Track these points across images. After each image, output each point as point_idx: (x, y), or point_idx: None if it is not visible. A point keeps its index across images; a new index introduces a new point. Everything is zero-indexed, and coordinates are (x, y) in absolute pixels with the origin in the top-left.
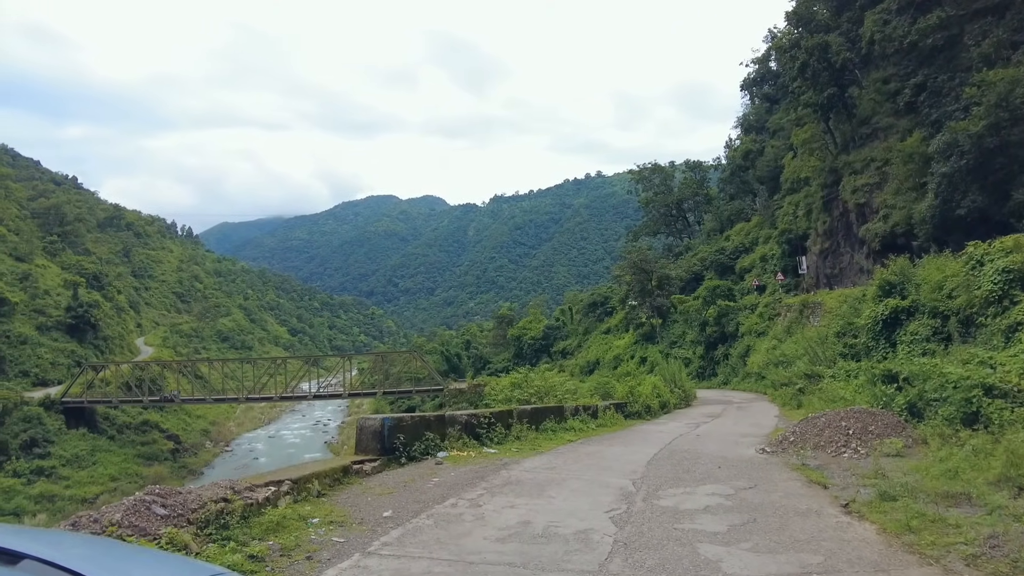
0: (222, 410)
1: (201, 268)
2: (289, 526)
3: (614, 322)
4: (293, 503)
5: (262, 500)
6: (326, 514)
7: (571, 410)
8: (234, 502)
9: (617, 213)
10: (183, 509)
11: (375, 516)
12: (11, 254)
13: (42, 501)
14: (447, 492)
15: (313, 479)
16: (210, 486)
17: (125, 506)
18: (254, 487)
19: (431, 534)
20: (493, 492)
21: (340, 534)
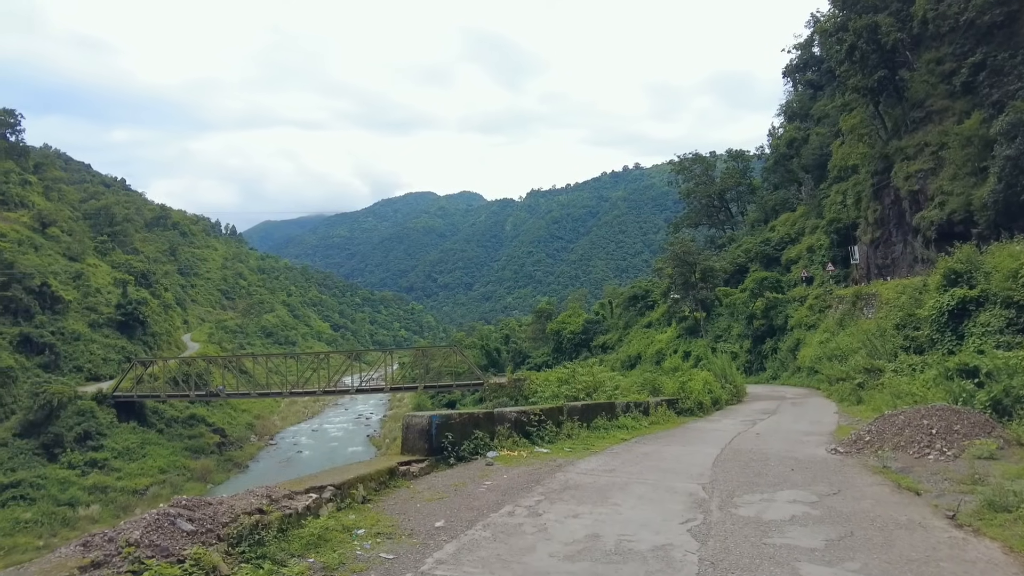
0: (266, 404)
1: (245, 266)
2: (332, 539)
3: (656, 316)
4: (336, 511)
5: (302, 509)
6: (372, 524)
7: (622, 407)
8: (270, 513)
9: (656, 205)
10: (212, 523)
11: (426, 526)
12: (64, 254)
13: (95, 492)
14: (502, 497)
15: (358, 483)
16: (244, 495)
17: (146, 521)
18: (293, 494)
19: (490, 549)
20: (552, 498)
21: (389, 548)
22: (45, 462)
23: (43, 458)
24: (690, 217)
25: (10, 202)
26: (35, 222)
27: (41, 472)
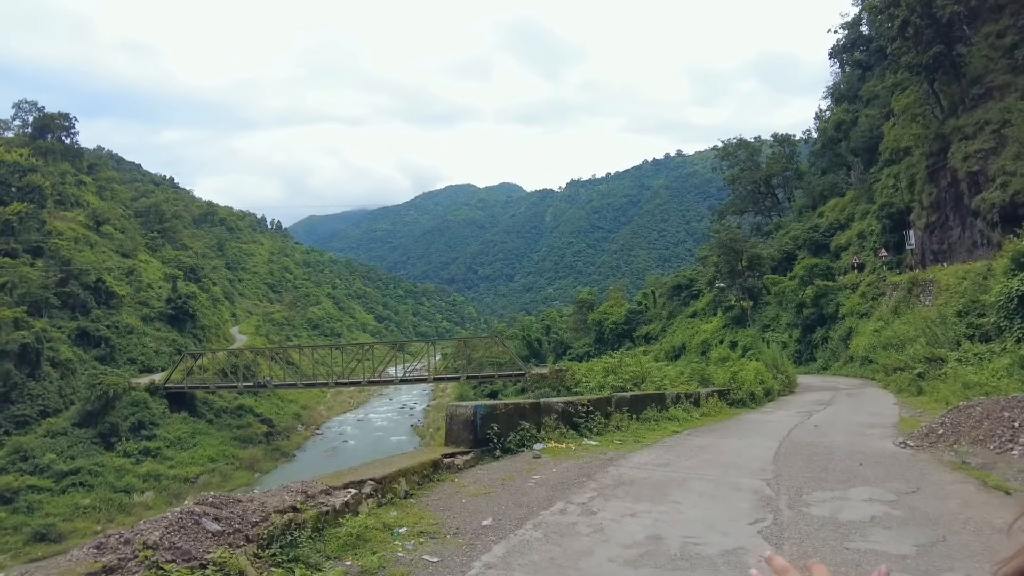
0: (313, 395)
1: (291, 260)
2: (372, 539)
3: (700, 305)
4: (376, 507)
5: (340, 506)
6: (415, 522)
7: (672, 398)
8: (305, 511)
9: (699, 193)
10: (241, 523)
11: (472, 525)
12: (118, 251)
13: (149, 479)
14: (552, 493)
15: (400, 477)
16: (278, 491)
17: (168, 521)
18: (331, 490)
19: (543, 552)
20: (606, 495)
21: (432, 550)
22: (102, 450)
23: (100, 447)
24: (735, 204)
25: (67, 202)
26: (90, 221)
27: (99, 460)
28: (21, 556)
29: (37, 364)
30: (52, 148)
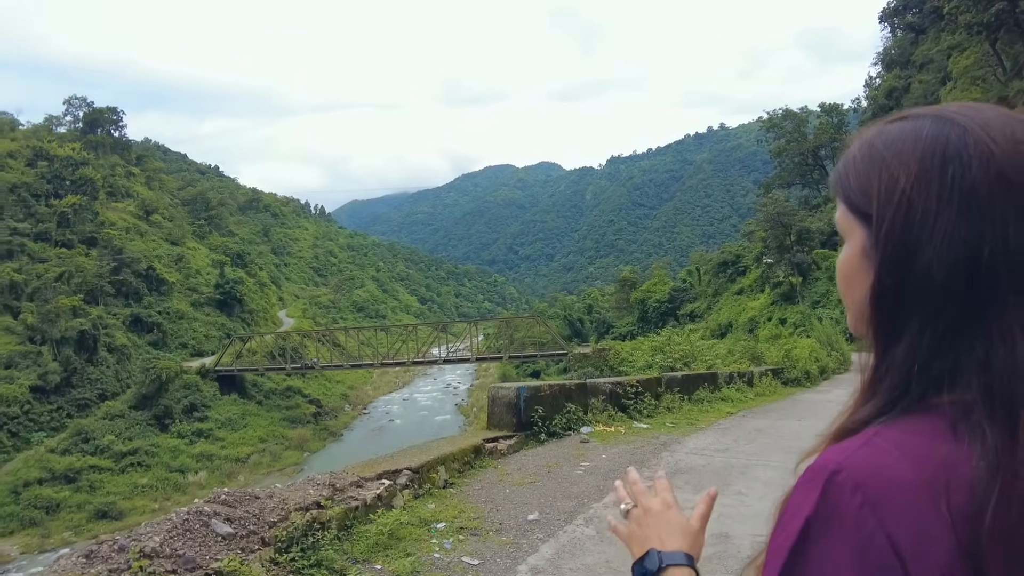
0: (359, 375)
1: (335, 244)
2: (406, 537)
3: (747, 282)
4: (413, 499)
5: (371, 500)
6: (454, 515)
7: (725, 377)
8: (330, 509)
9: (744, 167)
10: (257, 523)
11: (517, 519)
12: (166, 239)
13: (202, 460)
14: (603, 483)
15: (438, 465)
16: (303, 484)
17: (172, 524)
18: (362, 481)
19: (596, 553)
20: None
21: (473, 549)
22: (157, 432)
23: (155, 428)
24: (782, 177)
25: (117, 193)
26: (140, 210)
27: (154, 441)
28: (84, 533)
29: (95, 350)
30: (102, 142)
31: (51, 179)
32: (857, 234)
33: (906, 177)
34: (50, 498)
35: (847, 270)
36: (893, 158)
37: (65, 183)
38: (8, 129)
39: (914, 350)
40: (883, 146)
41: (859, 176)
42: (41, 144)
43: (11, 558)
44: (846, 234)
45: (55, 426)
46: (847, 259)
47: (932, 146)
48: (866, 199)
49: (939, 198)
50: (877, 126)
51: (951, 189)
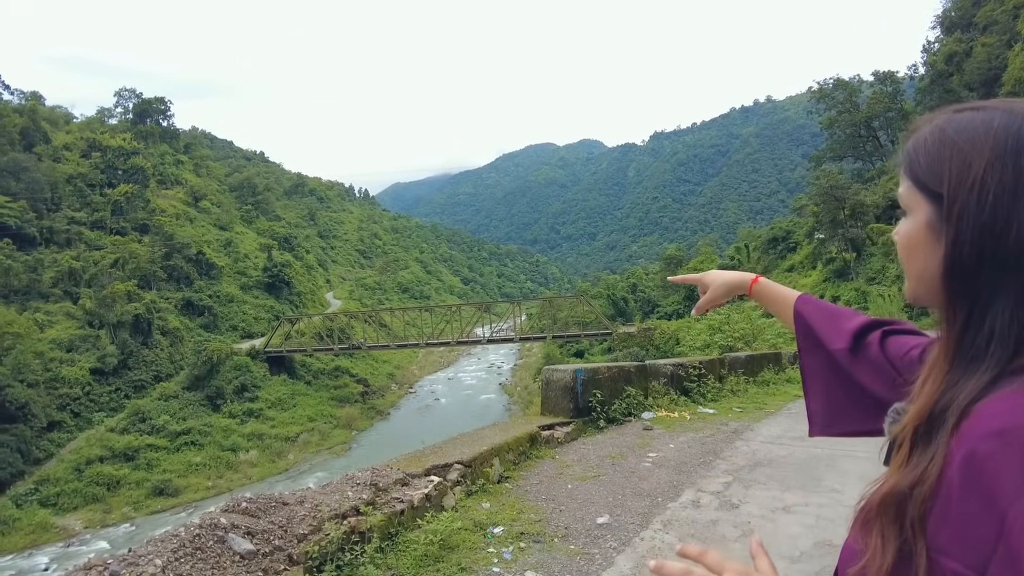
0: (405, 355)
1: (379, 226)
2: (459, 545)
3: (798, 258)
4: (465, 496)
5: (419, 501)
6: (513, 517)
7: (789, 357)
8: (370, 516)
9: (792, 140)
10: (283, 537)
11: (585, 522)
12: (215, 224)
13: (253, 439)
14: (676, 477)
15: (492, 457)
16: (341, 483)
17: (180, 541)
18: (408, 479)
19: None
20: (743, 479)
21: (537, 562)
22: (210, 412)
23: (208, 408)
24: (833, 149)
25: (167, 181)
26: (189, 197)
27: (207, 421)
28: (143, 508)
29: (149, 333)
30: (151, 131)
31: (104, 169)
32: (923, 209)
33: (980, 163)
34: (110, 475)
35: (911, 242)
36: (966, 144)
37: (118, 172)
38: (63, 122)
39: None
40: (955, 132)
41: (930, 158)
42: (94, 136)
43: (75, 532)
44: (910, 209)
45: (114, 407)
46: (911, 231)
47: (1004, 136)
48: (936, 180)
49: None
50: (946, 113)
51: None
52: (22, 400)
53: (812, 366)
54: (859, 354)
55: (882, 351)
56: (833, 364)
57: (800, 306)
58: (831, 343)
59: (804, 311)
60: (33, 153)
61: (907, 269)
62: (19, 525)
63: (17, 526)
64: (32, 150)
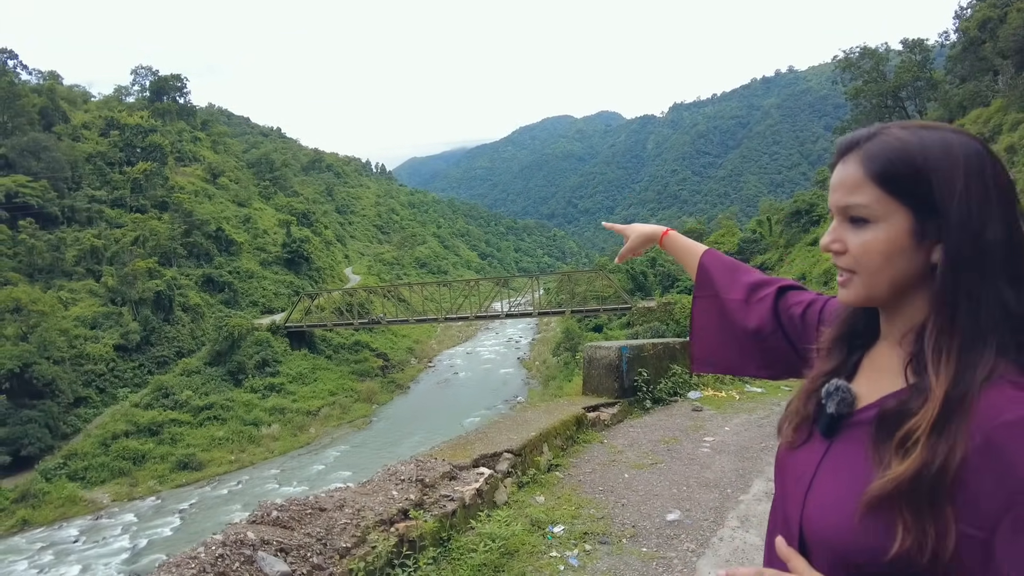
0: (424, 329)
1: (396, 201)
2: (519, 550)
3: (822, 231)
4: (517, 488)
5: (471, 499)
6: (573, 514)
7: None
8: (420, 519)
9: (814, 111)
10: (322, 552)
11: (653, 518)
12: (233, 200)
13: (275, 413)
14: (740, 464)
15: (541, 443)
16: (382, 479)
17: (199, 564)
18: (455, 472)
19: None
20: None
21: (609, 568)
22: (232, 387)
23: (230, 383)
24: (858, 120)
25: (185, 158)
26: (207, 174)
27: (229, 396)
28: (168, 482)
29: (170, 309)
30: (168, 109)
31: (123, 147)
32: (901, 218)
33: (960, 178)
34: (136, 450)
35: (893, 248)
36: (943, 162)
37: (136, 150)
38: (82, 101)
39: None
40: (925, 150)
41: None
42: (112, 114)
43: (103, 505)
44: (879, 218)
45: (137, 382)
46: (892, 239)
47: (967, 155)
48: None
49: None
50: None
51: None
52: (49, 376)
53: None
54: (751, 305)
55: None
56: (723, 311)
57: (705, 258)
58: (726, 293)
59: (708, 263)
60: (52, 132)
61: (874, 275)
62: (49, 498)
63: (47, 499)
64: (51, 129)
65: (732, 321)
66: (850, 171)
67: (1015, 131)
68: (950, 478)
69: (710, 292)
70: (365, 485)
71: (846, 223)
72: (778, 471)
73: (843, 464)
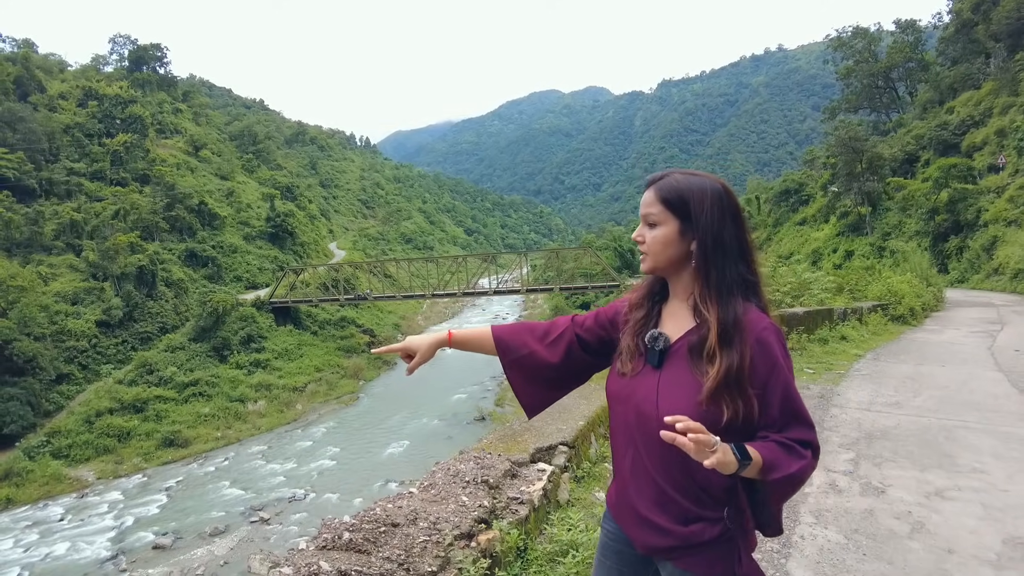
0: (410, 306)
1: (381, 175)
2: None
3: (811, 212)
4: (575, 484)
5: (539, 500)
6: None
7: (839, 313)
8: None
9: (802, 91)
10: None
11: None
12: (216, 174)
13: (261, 389)
14: None
15: (590, 433)
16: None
17: None
18: (515, 468)
19: (853, 566)
20: (867, 455)
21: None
22: (217, 363)
23: (215, 359)
24: (848, 100)
25: (166, 130)
26: (188, 146)
27: (214, 372)
28: (154, 459)
29: (153, 284)
30: (148, 79)
31: (102, 118)
32: (673, 223)
33: (706, 202)
34: (121, 427)
35: (667, 239)
36: (698, 193)
37: (115, 122)
38: (58, 71)
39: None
40: (688, 186)
41: (681, 197)
42: (90, 84)
43: (88, 483)
44: (661, 222)
45: (121, 359)
46: (667, 235)
47: (712, 189)
48: (686, 208)
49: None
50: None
51: (728, 208)
52: (30, 353)
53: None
54: (549, 346)
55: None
56: (530, 362)
57: (496, 332)
58: (527, 348)
59: (500, 335)
60: (28, 103)
61: (657, 255)
62: (33, 477)
63: (31, 478)
64: (27, 100)
65: (539, 366)
66: (649, 196)
67: (1005, 115)
68: (747, 370)
69: (514, 355)
70: (428, 488)
71: (646, 226)
72: (619, 392)
73: (676, 379)
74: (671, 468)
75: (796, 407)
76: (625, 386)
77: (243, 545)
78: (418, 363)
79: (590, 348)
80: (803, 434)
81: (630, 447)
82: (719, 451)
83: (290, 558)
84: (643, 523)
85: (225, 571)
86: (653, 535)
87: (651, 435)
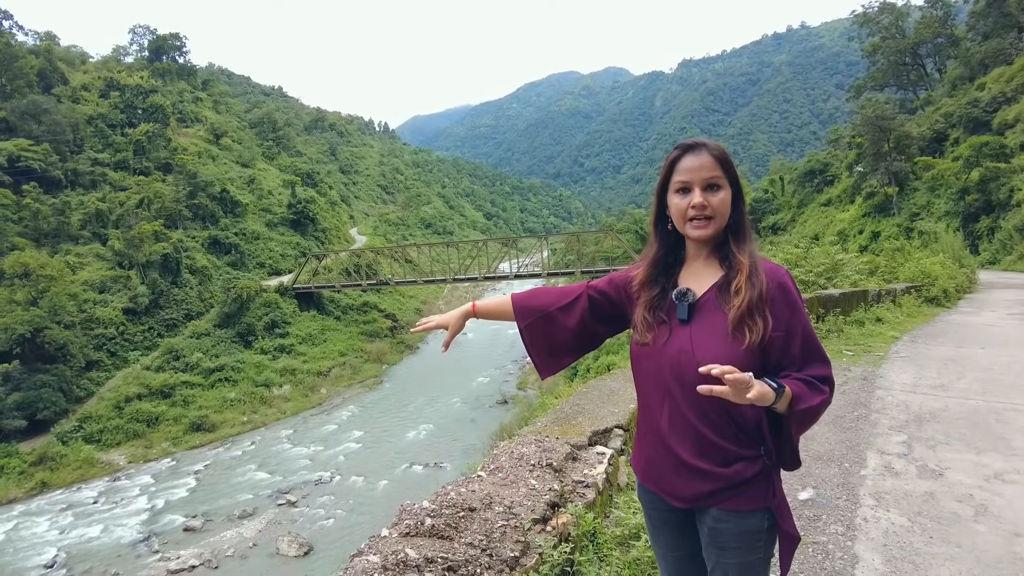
0: (431, 290)
1: (400, 160)
2: None
3: (836, 192)
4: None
5: (603, 483)
6: None
7: (874, 295)
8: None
9: (826, 69)
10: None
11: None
12: (237, 161)
13: (286, 374)
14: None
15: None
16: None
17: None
18: (575, 451)
19: (948, 564)
20: (919, 438)
21: None
22: (242, 348)
23: (240, 345)
24: (875, 78)
25: (187, 119)
26: (209, 135)
27: (240, 357)
28: (182, 443)
29: (178, 272)
30: (168, 69)
31: (124, 109)
32: (726, 183)
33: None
34: (149, 412)
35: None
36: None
37: (137, 112)
38: (80, 62)
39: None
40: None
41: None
42: (111, 75)
43: (120, 467)
44: (722, 183)
45: (148, 345)
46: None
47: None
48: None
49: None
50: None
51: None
52: (60, 341)
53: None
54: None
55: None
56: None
57: (515, 298)
58: (547, 309)
59: (519, 299)
60: (52, 95)
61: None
62: (66, 461)
63: (64, 462)
64: (50, 92)
65: (556, 327)
66: (707, 160)
67: None
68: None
69: (532, 315)
70: (495, 471)
71: (703, 190)
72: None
73: (708, 329)
74: (710, 413)
75: (814, 345)
76: (646, 351)
77: (271, 527)
78: (451, 336)
79: (603, 316)
80: (821, 370)
81: (666, 401)
82: (755, 385)
83: (373, 545)
84: (687, 471)
85: (254, 552)
86: (698, 481)
87: (690, 384)
